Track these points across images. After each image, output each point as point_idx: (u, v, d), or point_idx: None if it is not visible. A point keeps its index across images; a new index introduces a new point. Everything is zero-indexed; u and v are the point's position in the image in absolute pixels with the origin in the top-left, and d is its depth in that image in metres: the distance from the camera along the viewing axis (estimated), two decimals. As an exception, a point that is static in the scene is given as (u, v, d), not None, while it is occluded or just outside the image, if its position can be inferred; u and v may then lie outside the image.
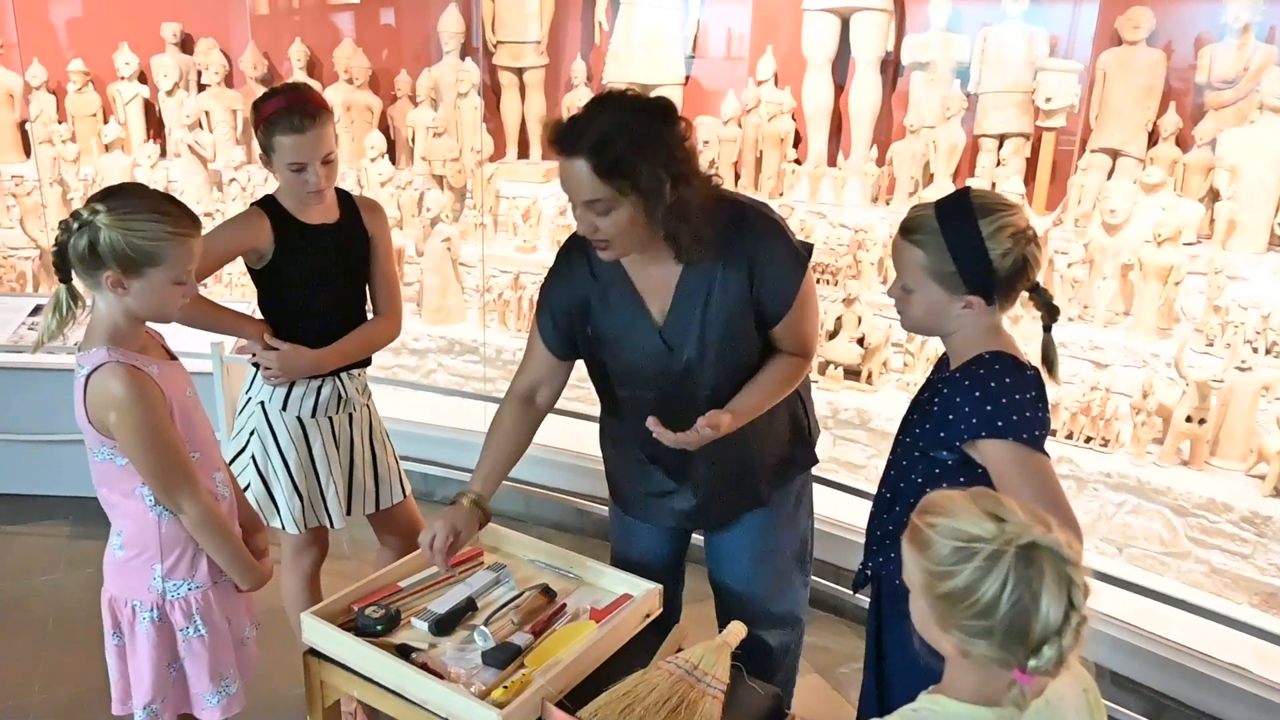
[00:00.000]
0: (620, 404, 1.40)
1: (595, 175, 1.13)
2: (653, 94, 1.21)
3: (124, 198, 1.16)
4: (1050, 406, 1.15)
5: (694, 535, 1.56)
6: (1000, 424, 1.07)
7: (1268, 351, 2.26)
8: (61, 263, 1.16)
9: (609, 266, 1.29)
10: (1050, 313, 1.15)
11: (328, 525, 1.70)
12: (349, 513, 1.72)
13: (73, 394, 1.19)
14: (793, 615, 1.54)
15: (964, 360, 1.14)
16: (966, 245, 1.09)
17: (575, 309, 1.34)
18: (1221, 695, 1.87)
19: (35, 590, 2.37)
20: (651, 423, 1.25)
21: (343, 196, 1.65)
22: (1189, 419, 2.19)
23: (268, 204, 1.59)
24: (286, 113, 1.47)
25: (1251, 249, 2.45)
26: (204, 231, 1.25)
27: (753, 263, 1.25)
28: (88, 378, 1.17)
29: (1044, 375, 1.16)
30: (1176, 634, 1.93)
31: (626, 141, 1.12)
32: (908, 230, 1.14)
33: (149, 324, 1.27)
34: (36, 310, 3.03)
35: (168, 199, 1.19)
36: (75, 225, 1.14)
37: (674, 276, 1.28)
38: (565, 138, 1.15)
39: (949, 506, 0.80)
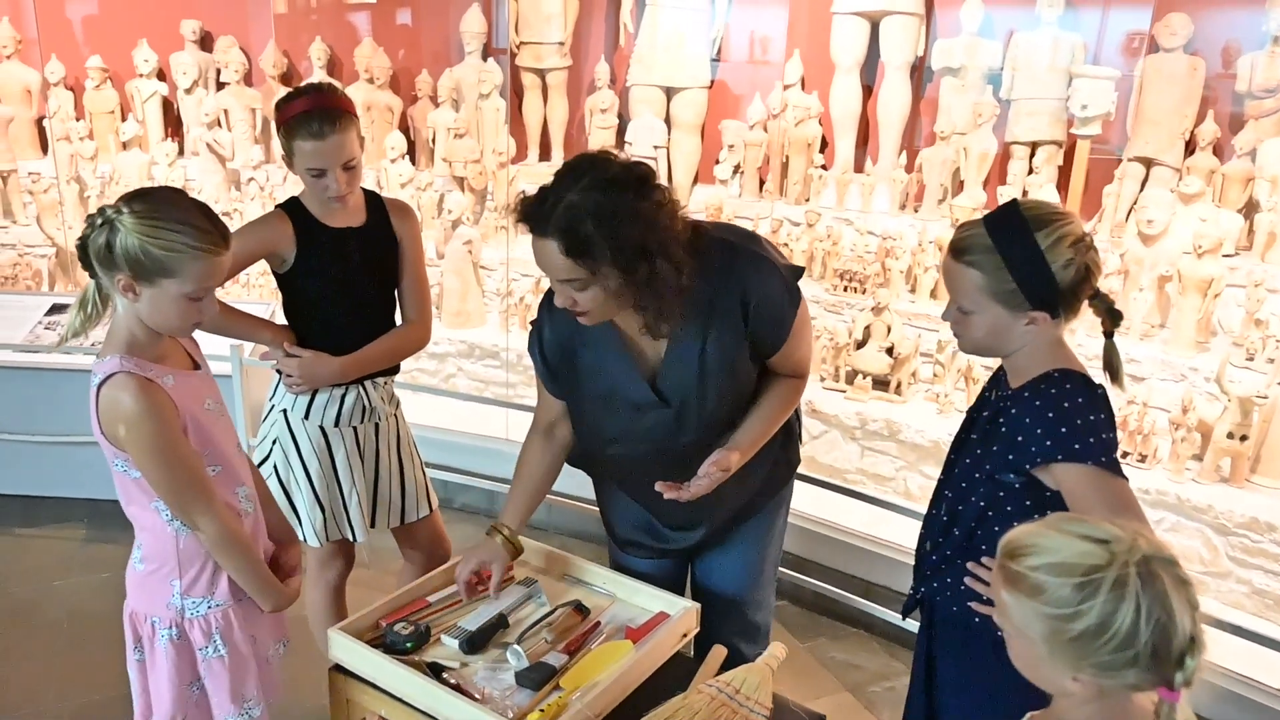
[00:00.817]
0: (612, 463, 1.38)
1: (565, 256, 1.10)
2: (632, 161, 1.15)
3: (153, 202, 1.12)
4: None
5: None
6: (1078, 447, 1.03)
7: (1311, 367, 2.21)
8: (85, 258, 1.13)
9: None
10: (1113, 318, 1.11)
11: (350, 538, 1.65)
12: (373, 525, 1.68)
13: (87, 391, 1.15)
14: (768, 626, 1.53)
15: (1028, 378, 1.09)
16: (1025, 260, 1.05)
17: (565, 356, 1.30)
18: (1268, 721, 1.82)
19: (50, 594, 2.33)
20: (661, 487, 1.23)
21: (371, 198, 1.61)
22: (1230, 435, 2.14)
23: (291, 206, 1.55)
24: (307, 116, 1.43)
25: (1292, 261, 2.39)
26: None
27: (746, 303, 1.23)
28: (99, 388, 1.14)
29: (1108, 383, 1.12)
30: (1221, 658, 1.88)
31: (595, 221, 1.07)
32: (960, 251, 1.10)
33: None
34: (54, 309, 3.00)
35: (201, 211, 1.14)
36: (99, 221, 1.11)
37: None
38: (534, 216, 1.11)
39: (1041, 544, 0.76)
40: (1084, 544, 0.74)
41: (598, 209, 1.07)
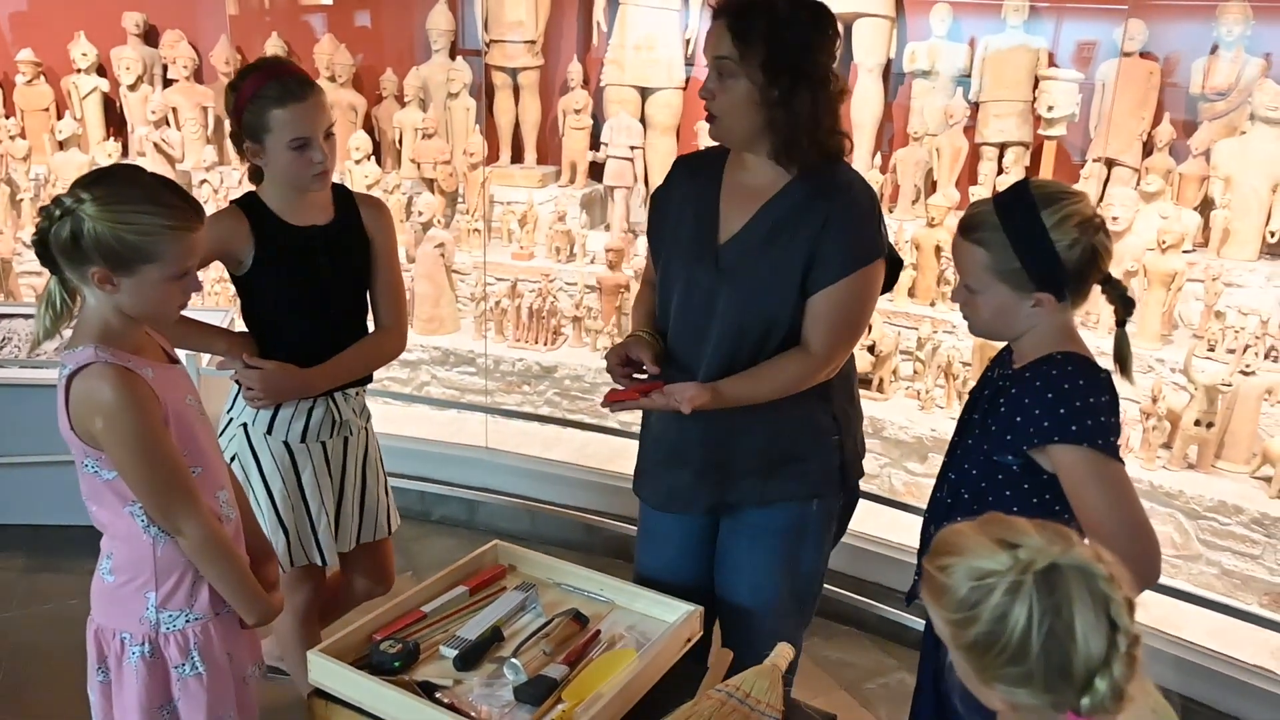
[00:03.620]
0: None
1: (728, 33, 1.21)
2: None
3: (114, 184, 1.04)
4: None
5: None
6: (1074, 428, 1.02)
7: (1267, 356, 2.32)
8: (45, 253, 1.04)
9: (707, 172, 1.34)
10: (1125, 306, 1.10)
11: (319, 562, 1.54)
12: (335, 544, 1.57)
13: (22, 407, 1.07)
14: (799, 640, 1.48)
15: (1031, 359, 1.09)
16: (1030, 239, 1.04)
17: (663, 203, 1.40)
18: (1245, 696, 1.88)
19: (-11, 629, 2.16)
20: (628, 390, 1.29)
21: (340, 193, 1.50)
22: (1197, 423, 2.23)
23: (248, 202, 1.43)
24: (278, 83, 1.33)
25: (1244, 256, 2.52)
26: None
27: (828, 221, 1.25)
28: (70, 379, 1.05)
29: (1116, 376, 1.11)
30: (1197, 636, 1.95)
31: (765, 17, 1.19)
32: (967, 229, 1.09)
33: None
34: (-17, 320, 2.78)
35: (166, 186, 1.07)
36: (57, 213, 1.02)
37: (762, 198, 1.29)
38: (719, 3, 1.24)
39: (960, 543, 0.73)
40: (995, 549, 0.71)
41: (772, 11, 1.20)
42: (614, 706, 1.11)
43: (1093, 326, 2.57)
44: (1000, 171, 2.77)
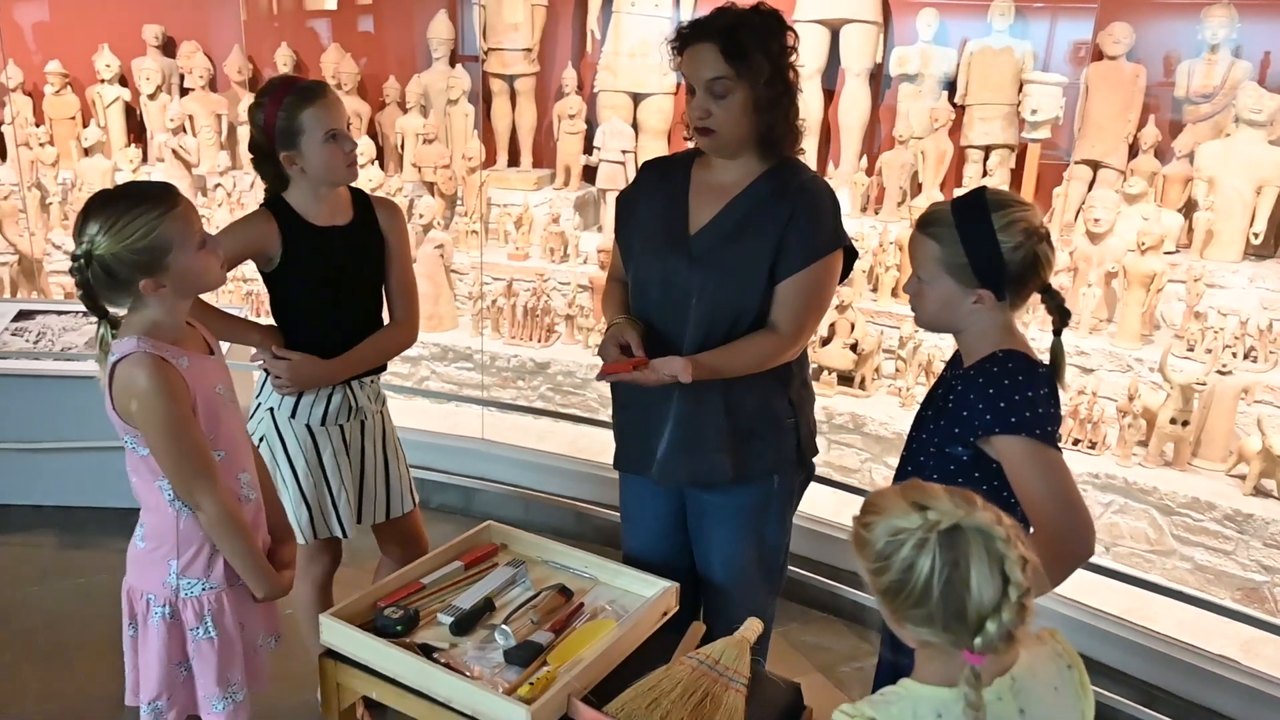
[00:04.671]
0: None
1: (721, 56, 1.27)
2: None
3: (101, 211, 1.15)
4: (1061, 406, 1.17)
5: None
6: (1014, 420, 1.10)
7: (1245, 356, 2.35)
8: (93, 301, 1.16)
9: (676, 172, 1.42)
10: (1062, 316, 1.17)
11: (339, 535, 1.66)
12: (360, 521, 1.69)
13: (55, 397, 1.18)
14: (772, 613, 1.56)
15: (977, 358, 1.17)
16: (979, 237, 1.12)
17: (631, 204, 1.48)
18: (1210, 685, 1.92)
19: (21, 602, 2.29)
20: (616, 366, 1.35)
21: (357, 196, 1.61)
22: (1173, 421, 2.26)
23: (276, 205, 1.54)
24: (298, 89, 1.45)
25: (1227, 257, 2.54)
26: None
27: (794, 215, 1.33)
28: (114, 366, 1.17)
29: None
30: (1167, 628, 1.98)
31: (750, 32, 1.28)
32: (924, 224, 1.17)
33: (192, 313, 1.27)
34: (20, 315, 2.95)
35: (132, 188, 1.19)
36: (82, 262, 1.15)
37: (730, 193, 1.36)
38: (693, 27, 1.31)
39: (881, 504, 0.82)
40: (909, 509, 0.80)
41: (753, 23, 1.29)
42: (594, 669, 1.19)
43: (1073, 326, 2.61)
44: (985, 174, 2.81)
